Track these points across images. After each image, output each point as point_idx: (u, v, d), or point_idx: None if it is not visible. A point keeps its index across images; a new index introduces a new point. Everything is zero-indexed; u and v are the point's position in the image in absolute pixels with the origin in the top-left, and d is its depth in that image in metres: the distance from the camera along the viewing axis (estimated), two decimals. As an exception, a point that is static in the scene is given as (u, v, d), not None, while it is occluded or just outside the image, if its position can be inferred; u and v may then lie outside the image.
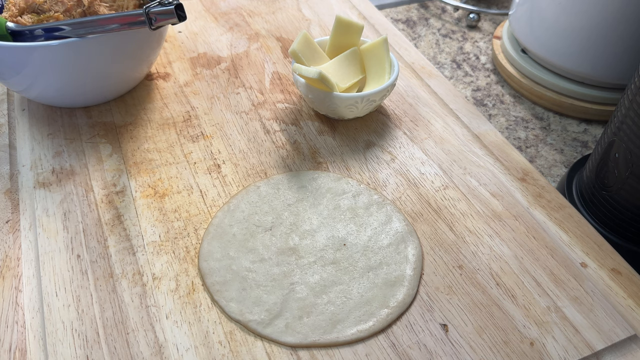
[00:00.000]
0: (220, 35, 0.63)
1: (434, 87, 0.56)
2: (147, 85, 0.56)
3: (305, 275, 0.39)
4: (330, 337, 0.35)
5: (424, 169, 0.48)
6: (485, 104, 0.62)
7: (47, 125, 0.51)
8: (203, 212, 0.43)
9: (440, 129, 0.52)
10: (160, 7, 0.42)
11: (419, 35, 0.72)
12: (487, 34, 0.73)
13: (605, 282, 0.39)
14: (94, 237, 0.41)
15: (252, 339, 0.36)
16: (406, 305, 0.37)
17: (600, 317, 0.37)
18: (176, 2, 0.42)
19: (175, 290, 0.38)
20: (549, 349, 0.35)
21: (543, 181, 0.47)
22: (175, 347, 0.35)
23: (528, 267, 0.40)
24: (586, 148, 0.57)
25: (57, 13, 0.47)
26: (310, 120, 0.52)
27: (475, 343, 0.36)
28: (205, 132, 0.51)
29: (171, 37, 0.62)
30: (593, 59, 0.57)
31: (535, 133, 0.59)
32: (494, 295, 0.38)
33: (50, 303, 0.37)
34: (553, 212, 0.44)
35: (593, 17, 0.54)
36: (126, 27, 0.43)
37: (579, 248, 0.42)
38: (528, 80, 0.62)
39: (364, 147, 0.50)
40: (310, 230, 0.42)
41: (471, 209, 0.44)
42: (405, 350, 0.35)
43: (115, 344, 0.35)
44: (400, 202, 0.45)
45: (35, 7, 0.48)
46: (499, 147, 0.50)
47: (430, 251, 0.41)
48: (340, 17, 0.51)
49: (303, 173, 0.47)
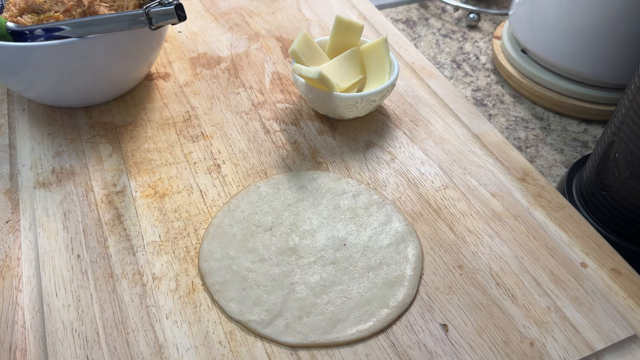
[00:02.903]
0: (220, 35, 0.63)
1: (434, 87, 0.56)
2: (147, 85, 0.56)
3: (305, 275, 0.39)
4: (330, 337, 0.35)
5: (424, 169, 0.48)
6: (485, 104, 0.62)
7: (47, 125, 0.51)
8: (203, 212, 0.43)
9: (440, 129, 0.52)
10: (160, 7, 0.42)
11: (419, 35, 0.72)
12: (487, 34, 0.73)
13: (605, 282, 0.39)
14: (94, 237, 0.41)
15: (252, 339, 0.36)
16: (406, 305, 0.37)
17: (600, 317, 0.37)
18: (176, 2, 0.42)
19: (175, 290, 0.38)
20: (549, 349, 0.35)
21: (543, 181, 0.47)
22: (175, 347, 0.35)
23: (528, 267, 0.40)
24: (586, 148, 0.57)
25: (57, 13, 0.47)
26: (310, 120, 0.52)
27: (475, 343, 0.36)
28: (205, 132, 0.51)
29: (171, 37, 0.62)
30: (593, 59, 0.57)
31: (535, 133, 0.59)
32: (494, 295, 0.38)
33: (50, 303, 0.37)
34: (553, 212, 0.44)
35: (593, 17, 0.54)
36: (126, 27, 0.43)
37: (579, 248, 0.42)
38: (528, 80, 0.62)
39: (364, 147, 0.50)
40: (310, 230, 0.42)
41: (471, 209, 0.44)
42: (405, 350, 0.35)
43: (115, 344, 0.35)
44: (400, 202, 0.45)
45: (35, 7, 0.48)
46: (499, 147, 0.50)
47: (430, 251, 0.41)
48: (340, 17, 0.51)
49: (303, 173, 0.47)
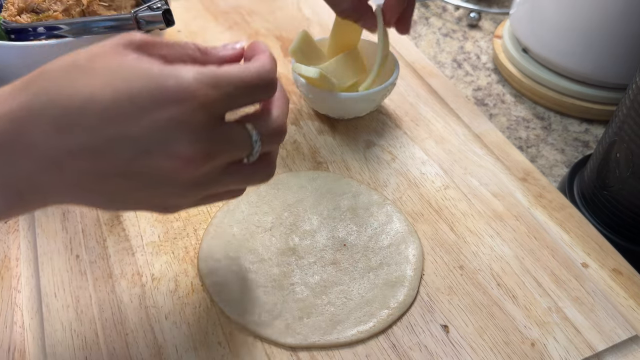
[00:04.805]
0: (220, 34, 0.63)
1: (434, 87, 0.56)
2: (146, 84, 0.56)
3: (305, 275, 0.39)
4: (331, 338, 0.35)
5: (424, 168, 0.48)
6: (486, 103, 0.62)
7: (46, 124, 0.51)
8: (202, 212, 0.43)
9: (441, 128, 0.52)
10: (148, 11, 0.42)
11: (419, 35, 0.72)
12: (487, 33, 0.73)
13: (607, 283, 0.39)
14: (93, 238, 0.41)
15: (251, 339, 0.36)
16: (407, 305, 0.37)
17: (602, 317, 0.37)
18: (165, 7, 0.42)
19: (174, 290, 0.38)
20: (550, 350, 0.35)
21: (544, 181, 0.47)
22: (174, 348, 0.35)
23: (529, 267, 0.40)
24: (587, 148, 0.57)
25: (56, 12, 0.47)
26: (310, 120, 0.52)
27: (476, 344, 0.35)
28: (204, 131, 0.51)
29: (170, 36, 0.62)
30: (594, 59, 0.57)
31: (536, 133, 0.58)
32: (494, 296, 0.38)
33: (49, 304, 0.37)
34: (554, 212, 0.44)
35: (594, 16, 0.54)
36: (115, 31, 0.43)
37: (580, 248, 0.42)
38: (529, 80, 0.62)
39: (364, 146, 0.50)
40: (310, 231, 0.42)
41: (472, 209, 0.44)
42: (406, 351, 0.35)
43: (114, 345, 0.35)
44: (401, 202, 0.45)
45: (34, 6, 0.48)
46: (499, 147, 0.50)
47: (431, 251, 0.41)
48: (341, 16, 0.51)
49: (303, 173, 0.46)
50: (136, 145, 0.25)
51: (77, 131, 0.24)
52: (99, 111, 0.24)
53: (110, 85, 0.24)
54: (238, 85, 0.26)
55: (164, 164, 0.25)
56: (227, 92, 0.26)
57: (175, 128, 0.25)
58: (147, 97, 0.24)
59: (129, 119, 0.24)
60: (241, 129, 0.28)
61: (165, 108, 0.24)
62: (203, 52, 0.29)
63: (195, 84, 0.25)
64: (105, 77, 0.25)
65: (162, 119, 0.25)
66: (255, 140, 0.28)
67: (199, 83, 0.25)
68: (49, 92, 0.25)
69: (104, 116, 0.24)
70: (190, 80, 0.25)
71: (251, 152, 0.28)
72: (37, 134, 0.24)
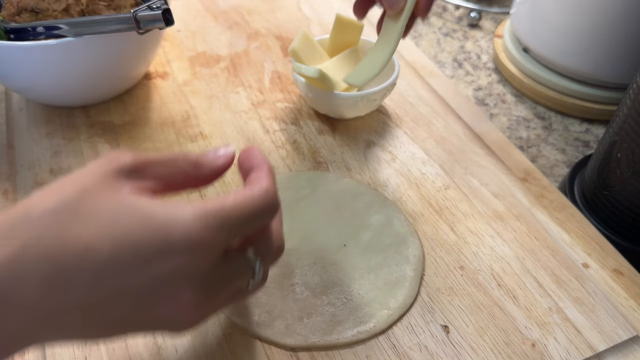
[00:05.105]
0: (220, 34, 0.63)
1: (435, 86, 0.56)
2: (145, 84, 0.56)
3: (305, 276, 0.39)
4: (331, 339, 0.35)
5: (425, 168, 0.47)
6: (487, 103, 0.62)
7: (46, 124, 0.51)
8: (202, 212, 0.43)
9: (442, 128, 0.51)
10: (148, 11, 0.42)
11: (419, 34, 0.72)
12: (488, 32, 0.72)
13: (607, 283, 0.39)
14: (93, 238, 0.41)
15: (251, 340, 0.35)
16: (407, 306, 0.37)
17: (602, 318, 0.37)
18: (164, 7, 0.42)
19: (174, 291, 0.38)
20: (550, 350, 0.35)
21: (545, 181, 0.47)
22: (174, 348, 0.35)
23: (529, 267, 0.40)
24: (588, 148, 0.57)
25: (56, 12, 0.47)
26: (310, 120, 0.52)
27: (476, 344, 0.35)
28: (204, 131, 0.50)
29: (170, 36, 0.62)
30: (595, 58, 0.57)
31: (537, 133, 0.58)
32: (495, 296, 0.38)
33: (49, 304, 0.37)
34: (555, 213, 0.44)
35: (595, 16, 0.54)
36: (114, 30, 0.43)
37: (581, 248, 0.41)
38: (530, 80, 0.62)
39: (365, 146, 0.49)
40: (310, 231, 0.41)
41: (472, 209, 0.44)
42: (406, 351, 0.35)
43: (113, 345, 0.35)
44: (401, 202, 0.44)
45: (34, 6, 0.48)
46: (500, 146, 0.50)
47: (431, 252, 0.41)
48: (341, 15, 0.51)
49: (303, 173, 0.46)
50: (135, 299, 0.23)
51: (71, 288, 0.22)
52: (96, 266, 0.22)
53: (109, 236, 0.22)
54: (245, 219, 0.25)
55: (165, 310, 0.24)
56: (234, 229, 0.25)
57: (180, 279, 0.24)
58: (150, 249, 0.23)
59: (129, 273, 0.23)
60: (243, 259, 0.27)
61: (169, 260, 0.23)
62: (196, 165, 0.28)
63: (203, 232, 0.23)
64: (101, 224, 0.23)
65: (166, 271, 0.23)
66: (258, 267, 0.27)
67: (205, 229, 0.23)
68: (39, 245, 0.22)
69: (101, 271, 0.22)
70: (198, 229, 0.23)
71: (253, 278, 0.28)
72: (26, 291, 0.22)
